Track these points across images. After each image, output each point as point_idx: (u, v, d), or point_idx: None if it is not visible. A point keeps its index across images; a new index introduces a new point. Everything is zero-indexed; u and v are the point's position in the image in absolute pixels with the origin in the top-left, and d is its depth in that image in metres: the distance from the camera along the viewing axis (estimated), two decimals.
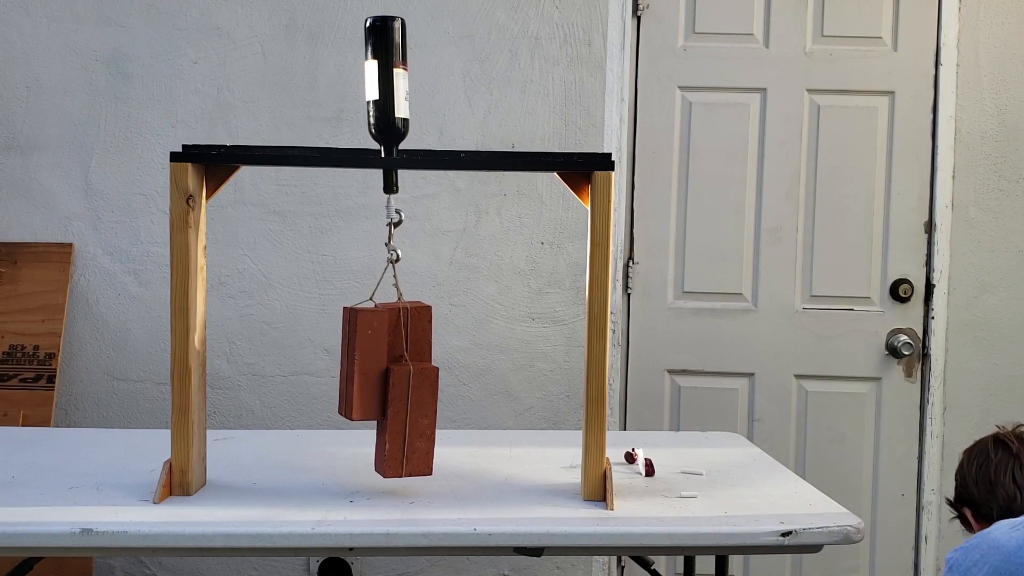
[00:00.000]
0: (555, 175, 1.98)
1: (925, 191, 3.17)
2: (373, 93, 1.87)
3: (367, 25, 1.86)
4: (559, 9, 3.10)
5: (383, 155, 1.90)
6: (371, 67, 1.87)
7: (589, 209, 1.89)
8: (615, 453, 2.22)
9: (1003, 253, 3.15)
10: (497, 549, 1.78)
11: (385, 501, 1.89)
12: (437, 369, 1.91)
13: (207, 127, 3.11)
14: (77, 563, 2.94)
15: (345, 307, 1.90)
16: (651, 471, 2.13)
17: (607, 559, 3.15)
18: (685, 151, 3.20)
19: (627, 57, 3.15)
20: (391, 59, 1.85)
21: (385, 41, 1.85)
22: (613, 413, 3.16)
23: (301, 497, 1.91)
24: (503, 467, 2.17)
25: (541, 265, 3.14)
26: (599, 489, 1.90)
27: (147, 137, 3.12)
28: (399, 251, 1.94)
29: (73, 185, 3.12)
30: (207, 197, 1.94)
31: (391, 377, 1.87)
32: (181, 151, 1.87)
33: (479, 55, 3.11)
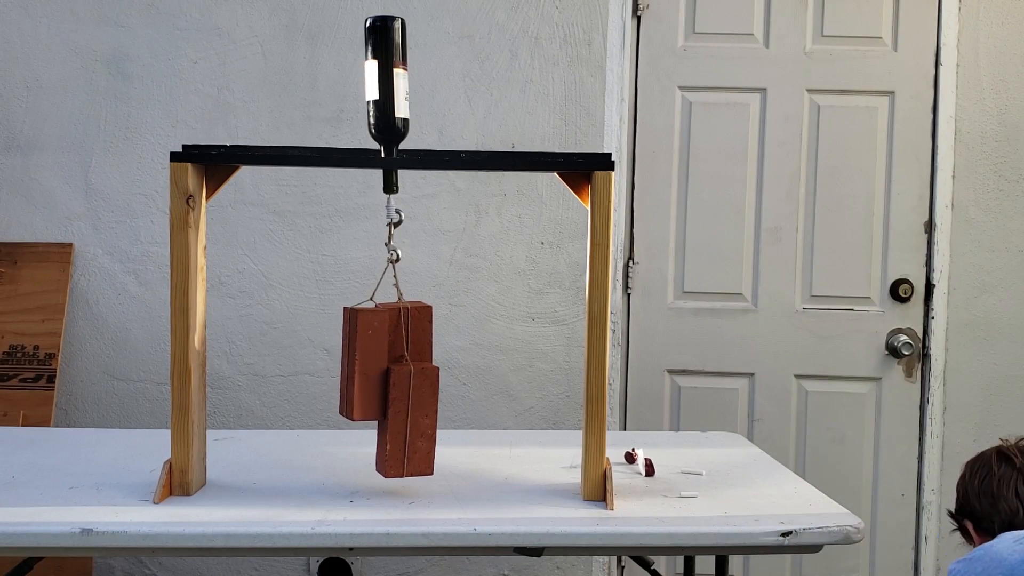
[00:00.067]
0: (555, 175, 1.98)
1: (925, 191, 3.17)
2: (373, 93, 1.87)
3: (367, 25, 1.86)
4: (559, 9, 3.10)
5: (383, 155, 1.90)
6: (371, 67, 1.87)
7: (589, 209, 1.89)
8: (615, 453, 2.22)
9: (1003, 253, 3.15)
10: (497, 549, 1.78)
11: (385, 501, 1.89)
12: (438, 369, 1.91)
13: (207, 127, 3.11)
14: (77, 563, 2.94)
15: (345, 307, 1.90)
16: (651, 471, 2.13)
17: (607, 559, 3.15)
18: (685, 151, 3.20)
19: (627, 57, 3.15)
20: (391, 59, 1.85)
21: (385, 41, 1.85)
22: (613, 413, 3.16)
23: (301, 497, 1.91)
24: (503, 467, 2.17)
25: (541, 265, 3.14)
26: (599, 489, 1.90)
27: (147, 137, 3.12)
28: (399, 251, 1.94)
29: (73, 185, 3.12)
30: (207, 197, 1.94)
31: (392, 377, 1.87)
32: (181, 151, 1.87)
33: (479, 55, 3.11)
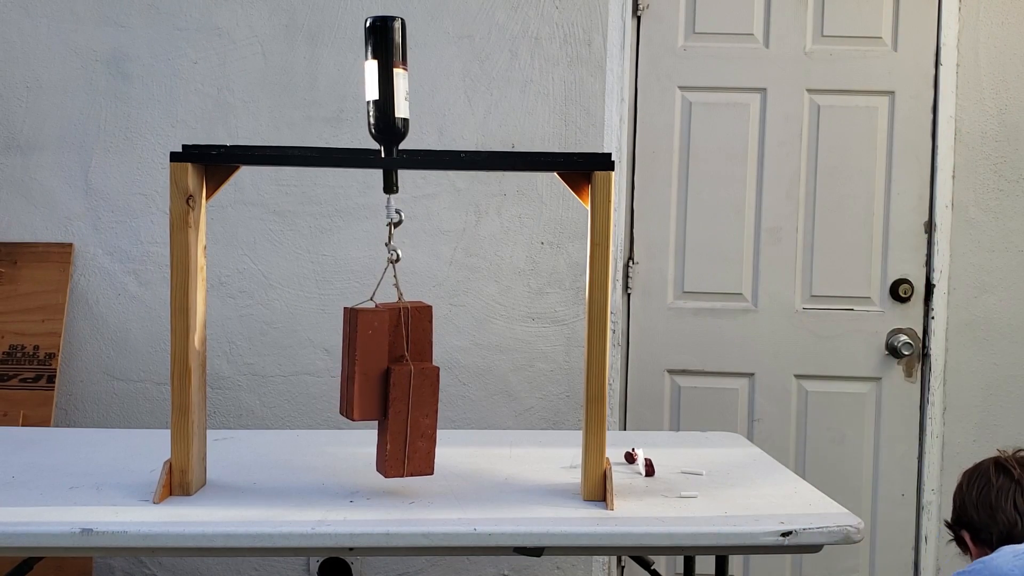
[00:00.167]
0: (555, 175, 1.98)
1: (925, 191, 3.17)
2: (373, 93, 1.87)
3: (367, 25, 1.86)
4: (559, 9, 3.10)
5: (383, 155, 1.90)
6: (371, 67, 1.87)
7: (589, 209, 1.89)
8: (615, 453, 2.22)
9: (1003, 253, 3.15)
10: (497, 549, 1.78)
11: (385, 501, 1.89)
12: (438, 369, 1.91)
13: (207, 127, 3.11)
14: (77, 563, 2.94)
15: (345, 307, 1.90)
16: (651, 471, 2.13)
17: (607, 559, 3.15)
18: (685, 151, 3.20)
19: (627, 57, 3.15)
20: (391, 59, 1.85)
21: (385, 41, 1.85)
22: (613, 413, 3.16)
23: (301, 497, 1.91)
24: (503, 467, 2.17)
25: (541, 265, 3.14)
26: (599, 489, 1.90)
27: (147, 137, 3.12)
28: (399, 251, 1.94)
29: (73, 185, 3.12)
30: (207, 197, 1.94)
31: (392, 377, 1.87)
32: (181, 151, 1.87)
33: (479, 55, 3.11)
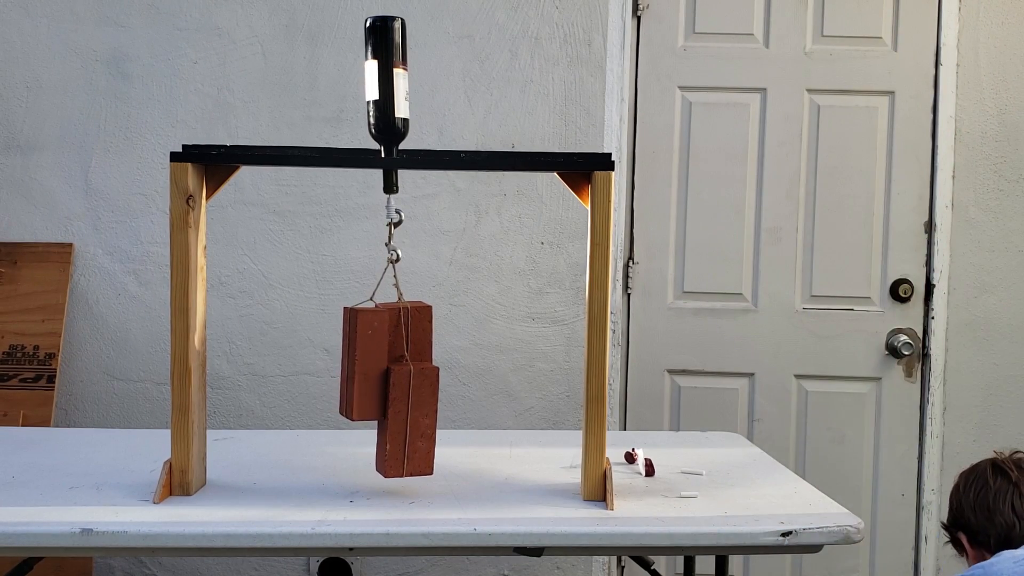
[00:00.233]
0: (555, 175, 1.98)
1: (925, 191, 3.17)
2: (373, 93, 1.87)
3: (367, 25, 1.86)
4: (559, 9, 3.10)
5: (383, 155, 1.90)
6: (371, 67, 1.87)
7: (589, 209, 1.89)
8: (615, 453, 2.22)
9: (1003, 253, 3.15)
10: (497, 549, 1.78)
11: (385, 501, 1.89)
12: (438, 369, 1.91)
13: (207, 127, 3.11)
14: (77, 563, 2.94)
15: (345, 307, 1.90)
16: (651, 471, 2.13)
17: (607, 559, 3.15)
18: (685, 151, 3.20)
19: (627, 57, 3.15)
20: (391, 59, 1.85)
21: (385, 41, 1.85)
22: (613, 413, 3.16)
23: (301, 497, 1.91)
24: (503, 467, 2.17)
25: (541, 265, 3.14)
26: (599, 489, 1.90)
27: (147, 137, 3.12)
28: (399, 251, 1.94)
29: (73, 185, 3.12)
30: (207, 197, 1.94)
31: (392, 377, 1.87)
32: (181, 151, 1.87)
33: (479, 55, 3.11)
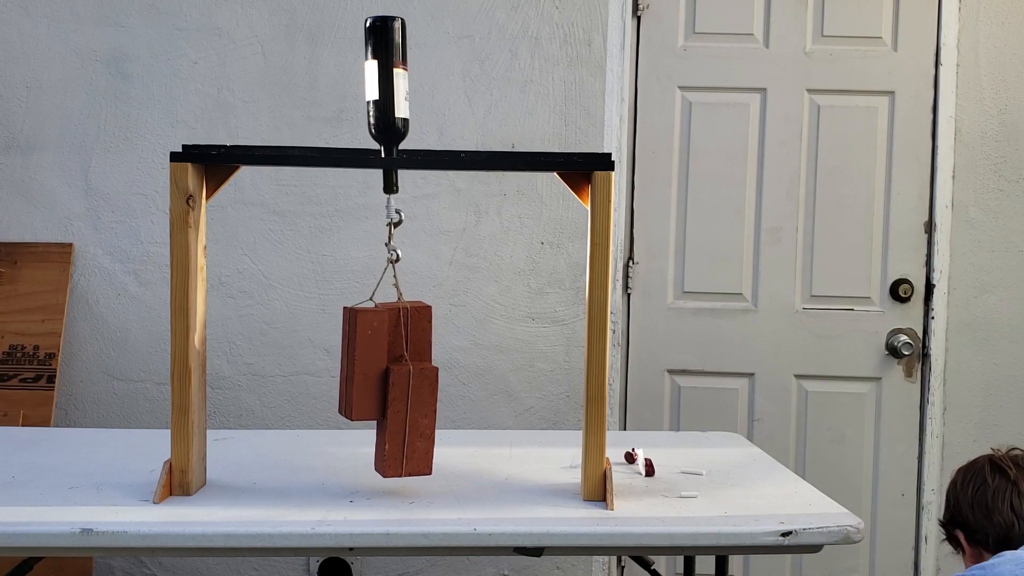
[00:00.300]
0: (555, 175, 1.98)
1: (925, 191, 3.17)
2: (373, 93, 1.87)
3: (367, 25, 1.86)
4: (559, 9, 3.10)
5: (383, 155, 1.90)
6: (371, 67, 1.87)
7: (589, 209, 1.89)
8: (615, 453, 2.22)
9: (1003, 253, 3.15)
10: (497, 549, 1.78)
11: (385, 501, 1.89)
12: (437, 369, 1.91)
13: (207, 127, 3.11)
14: (77, 563, 2.94)
15: (345, 307, 1.90)
16: (651, 471, 2.13)
17: (607, 559, 3.15)
18: (685, 151, 3.20)
19: (627, 57, 3.15)
20: (391, 59, 1.85)
21: (385, 41, 1.85)
22: (613, 413, 3.16)
23: (301, 497, 1.91)
24: (503, 467, 2.17)
25: (541, 265, 3.14)
26: (599, 489, 1.90)
27: (147, 137, 3.12)
28: (399, 251, 1.94)
29: (73, 185, 3.12)
30: (207, 197, 1.94)
31: (391, 377, 1.87)
32: (181, 151, 1.87)
33: (479, 55, 3.11)
